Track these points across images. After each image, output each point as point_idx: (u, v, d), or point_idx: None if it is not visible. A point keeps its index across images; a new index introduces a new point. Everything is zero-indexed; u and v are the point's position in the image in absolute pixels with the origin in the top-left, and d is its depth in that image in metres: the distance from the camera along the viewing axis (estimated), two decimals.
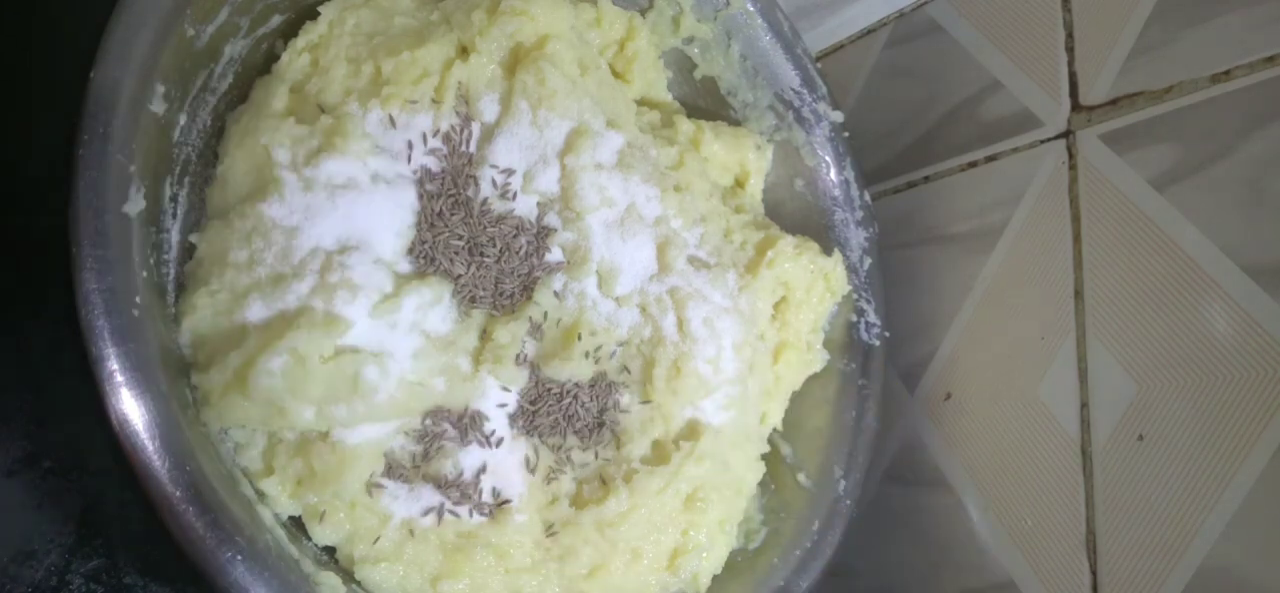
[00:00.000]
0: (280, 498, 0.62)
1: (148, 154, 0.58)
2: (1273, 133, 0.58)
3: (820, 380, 0.81)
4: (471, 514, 0.65)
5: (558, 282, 0.69)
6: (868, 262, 0.83)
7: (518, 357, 0.67)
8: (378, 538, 0.63)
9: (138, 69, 0.56)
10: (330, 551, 0.64)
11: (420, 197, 0.67)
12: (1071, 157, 0.72)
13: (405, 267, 0.66)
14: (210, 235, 0.65)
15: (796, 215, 0.85)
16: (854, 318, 0.82)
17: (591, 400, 0.69)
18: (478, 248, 0.68)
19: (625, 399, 0.70)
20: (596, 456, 0.69)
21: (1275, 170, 0.57)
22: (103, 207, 0.53)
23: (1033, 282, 0.74)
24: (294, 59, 0.69)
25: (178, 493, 0.52)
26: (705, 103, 0.87)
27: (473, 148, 0.69)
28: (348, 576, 0.63)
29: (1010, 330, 0.75)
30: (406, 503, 0.64)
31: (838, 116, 0.84)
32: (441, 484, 0.64)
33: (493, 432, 0.66)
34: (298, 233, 0.63)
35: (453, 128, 0.69)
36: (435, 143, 0.68)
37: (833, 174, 0.84)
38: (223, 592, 0.53)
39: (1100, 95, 0.70)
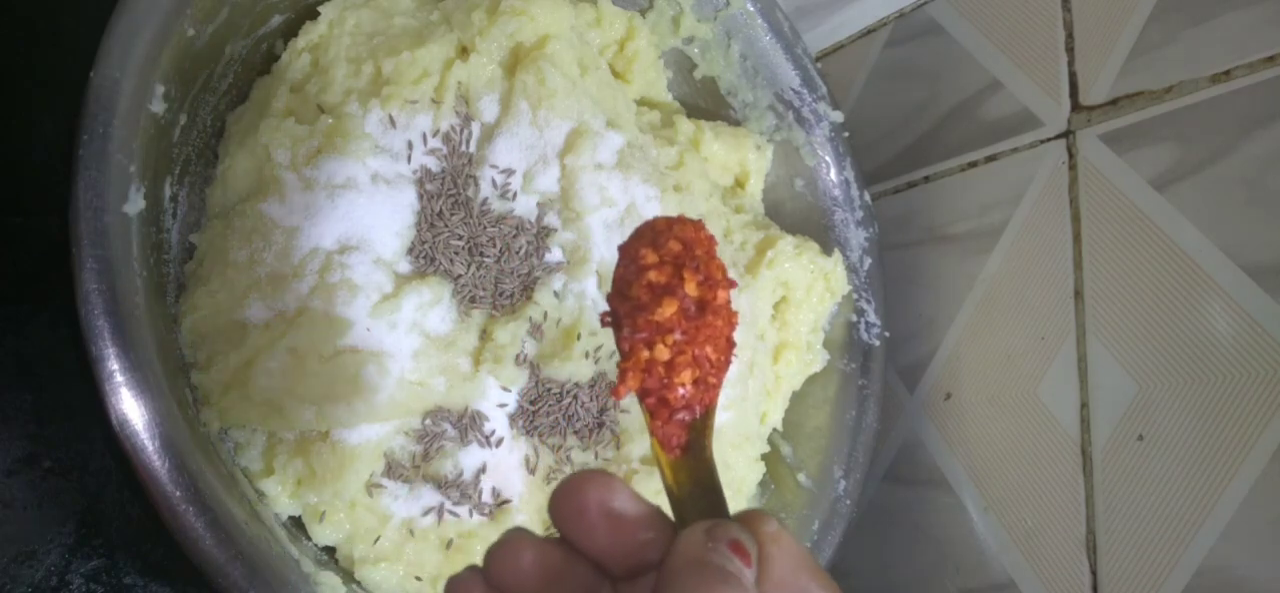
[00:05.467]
0: (280, 498, 0.62)
1: (148, 154, 0.58)
2: (1273, 133, 0.58)
3: (820, 380, 0.81)
4: (471, 514, 0.65)
5: (558, 282, 0.69)
6: (868, 262, 0.83)
7: (518, 357, 0.67)
8: (378, 538, 0.63)
9: (138, 69, 0.56)
10: (330, 551, 0.64)
11: (420, 197, 0.67)
12: (1071, 156, 0.72)
13: (405, 267, 0.66)
14: (210, 235, 0.65)
15: (796, 215, 0.85)
16: (854, 318, 0.82)
17: (591, 400, 0.69)
18: (478, 248, 0.68)
19: (625, 399, 0.70)
20: (596, 456, 0.69)
21: (1275, 170, 0.57)
22: (103, 207, 0.53)
23: (1033, 282, 0.74)
24: (294, 59, 0.69)
25: (178, 493, 0.52)
26: (705, 103, 0.87)
27: (473, 148, 0.69)
28: (348, 576, 0.63)
29: (1010, 330, 0.75)
30: (406, 503, 0.64)
31: (838, 117, 0.84)
32: (441, 484, 0.64)
33: (492, 432, 0.66)
34: (298, 233, 0.63)
35: (453, 128, 0.69)
36: (435, 143, 0.68)
37: (833, 174, 0.84)
38: (223, 592, 0.53)
39: (1100, 95, 0.70)
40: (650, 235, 0.38)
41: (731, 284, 0.38)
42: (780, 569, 0.32)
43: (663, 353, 0.37)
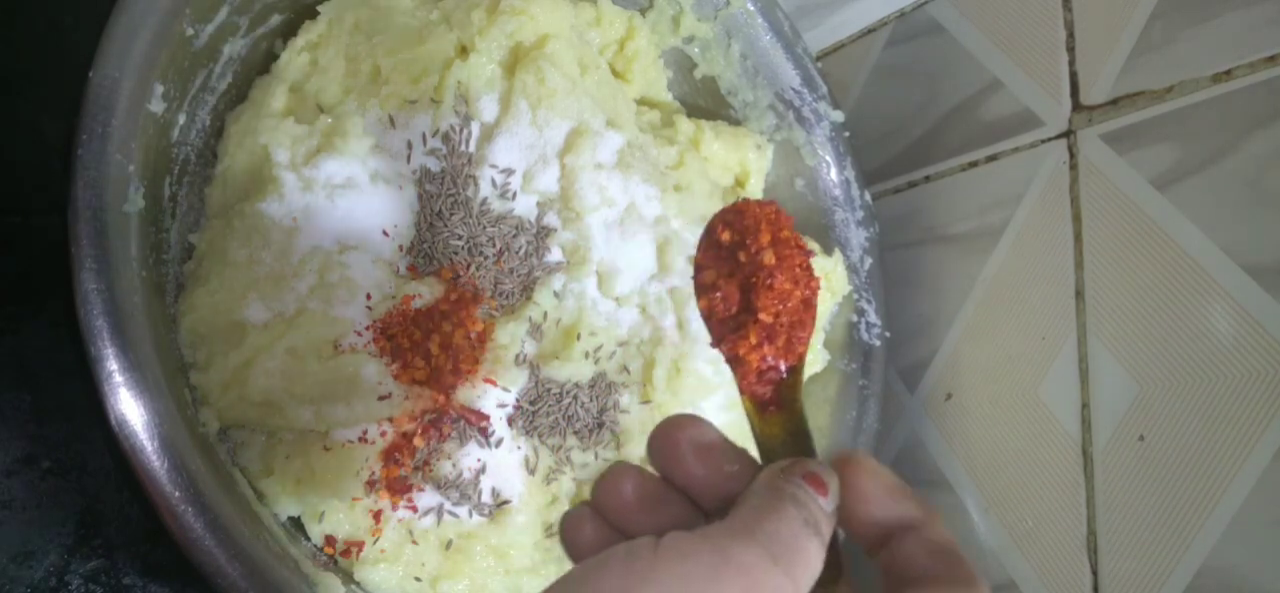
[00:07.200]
0: (280, 498, 0.62)
1: (147, 154, 0.58)
2: (1274, 132, 0.58)
3: (820, 380, 0.81)
4: (471, 515, 0.65)
5: (557, 282, 0.69)
6: (868, 262, 0.83)
7: (517, 357, 0.67)
8: (377, 539, 0.63)
9: (137, 69, 0.56)
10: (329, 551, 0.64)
11: (420, 196, 0.67)
12: (1072, 156, 0.71)
13: (404, 266, 0.66)
14: (210, 235, 0.65)
15: (797, 215, 0.84)
16: (854, 318, 0.82)
17: (591, 401, 0.69)
18: (477, 248, 0.68)
19: (625, 399, 0.70)
20: (596, 456, 0.69)
21: (1276, 170, 0.57)
22: (102, 207, 0.53)
23: (1033, 282, 0.74)
24: (293, 58, 0.69)
25: (177, 493, 0.52)
26: (705, 102, 0.87)
27: (472, 148, 0.69)
28: (347, 576, 0.62)
29: (1011, 331, 0.75)
30: (406, 503, 0.64)
31: (838, 116, 0.84)
32: (441, 485, 0.64)
33: (492, 432, 0.66)
34: (297, 233, 0.63)
35: (452, 127, 0.69)
36: (435, 143, 0.68)
37: (833, 174, 0.84)
38: (222, 592, 0.53)
39: (1101, 95, 0.70)
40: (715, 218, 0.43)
41: (807, 253, 0.42)
42: (877, 495, 0.36)
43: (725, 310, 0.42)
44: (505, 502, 0.65)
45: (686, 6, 0.82)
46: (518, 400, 0.67)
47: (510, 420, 0.67)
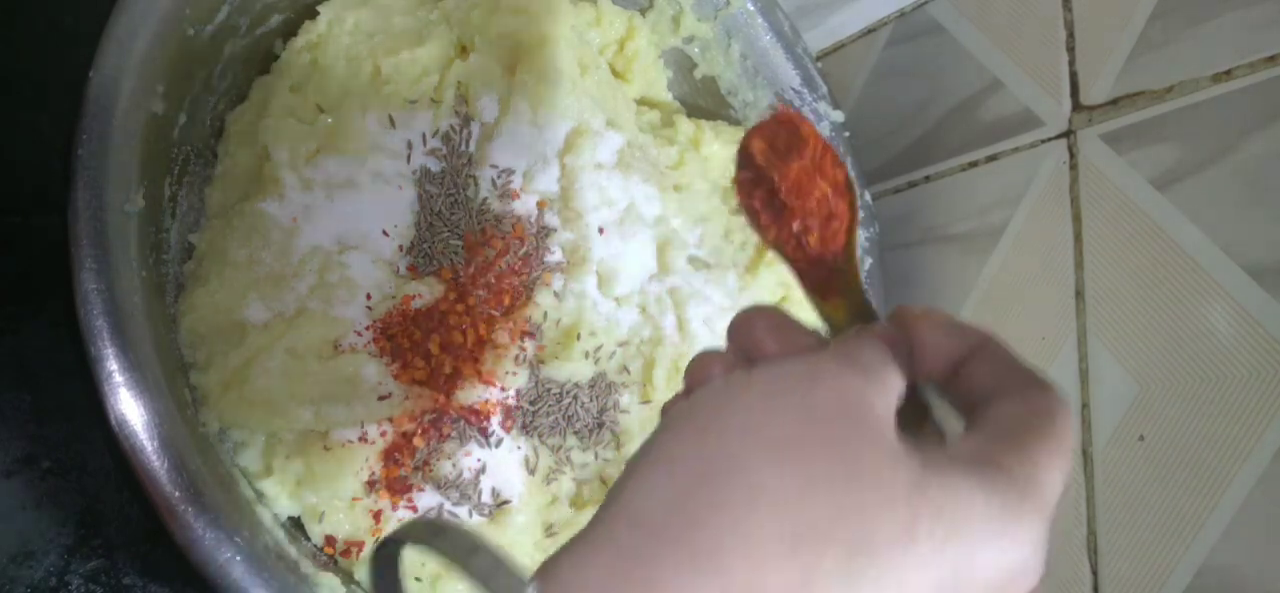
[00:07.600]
0: (280, 498, 0.62)
1: (147, 154, 0.57)
2: (1274, 132, 0.58)
3: None
4: (471, 515, 0.65)
5: (557, 282, 0.69)
6: (868, 262, 0.83)
7: (517, 357, 0.67)
8: (377, 538, 0.63)
9: (137, 69, 0.56)
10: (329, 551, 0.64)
11: (419, 196, 0.67)
12: (1072, 156, 0.71)
13: (404, 266, 0.66)
14: (210, 235, 0.65)
15: None
16: None
17: (591, 401, 0.69)
18: (477, 248, 0.68)
19: (625, 400, 0.70)
20: (596, 456, 0.69)
21: (1276, 170, 0.57)
22: (102, 206, 0.53)
23: (1033, 282, 0.74)
24: (293, 58, 0.69)
25: (177, 493, 0.52)
26: (705, 102, 0.87)
27: (472, 148, 0.69)
28: (347, 576, 0.62)
29: (1011, 330, 0.75)
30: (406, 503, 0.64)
31: (838, 116, 0.84)
32: (441, 485, 0.64)
33: (492, 432, 0.66)
34: (297, 232, 0.63)
35: (452, 127, 0.69)
36: (435, 143, 0.68)
37: None
38: (222, 592, 0.53)
39: (1101, 95, 0.70)
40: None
41: (827, 148, 0.44)
42: (933, 334, 0.38)
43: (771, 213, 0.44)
44: (505, 502, 0.65)
45: (686, 6, 0.82)
46: (518, 400, 0.67)
47: (509, 420, 0.67)
